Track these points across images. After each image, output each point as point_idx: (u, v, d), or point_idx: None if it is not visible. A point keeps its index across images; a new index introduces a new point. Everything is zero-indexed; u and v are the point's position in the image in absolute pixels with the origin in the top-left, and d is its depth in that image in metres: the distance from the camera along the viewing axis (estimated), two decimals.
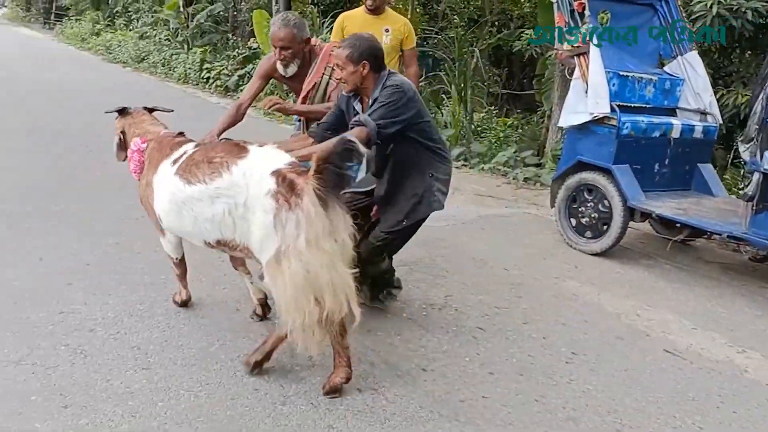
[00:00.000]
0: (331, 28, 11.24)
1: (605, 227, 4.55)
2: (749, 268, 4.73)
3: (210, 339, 2.95)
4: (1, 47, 18.38)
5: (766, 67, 3.62)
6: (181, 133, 3.01)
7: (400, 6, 14.82)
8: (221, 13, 17.22)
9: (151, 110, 3.29)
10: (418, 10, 15.07)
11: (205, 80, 13.63)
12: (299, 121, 3.74)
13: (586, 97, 4.47)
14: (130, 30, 20.32)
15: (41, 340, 2.81)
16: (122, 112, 3.21)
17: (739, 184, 7.02)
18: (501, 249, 4.64)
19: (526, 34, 9.06)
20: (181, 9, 16.10)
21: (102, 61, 17.82)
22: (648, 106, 4.93)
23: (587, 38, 4.47)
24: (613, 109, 4.41)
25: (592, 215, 4.64)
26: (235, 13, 17.88)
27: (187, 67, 14.46)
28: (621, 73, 4.74)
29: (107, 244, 4.03)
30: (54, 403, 2.39)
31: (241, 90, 12.37)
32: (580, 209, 4.74)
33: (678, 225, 4.46)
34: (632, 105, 4.83)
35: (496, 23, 12.98)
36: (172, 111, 3.35)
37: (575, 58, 4.52)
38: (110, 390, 2.50)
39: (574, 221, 4.77)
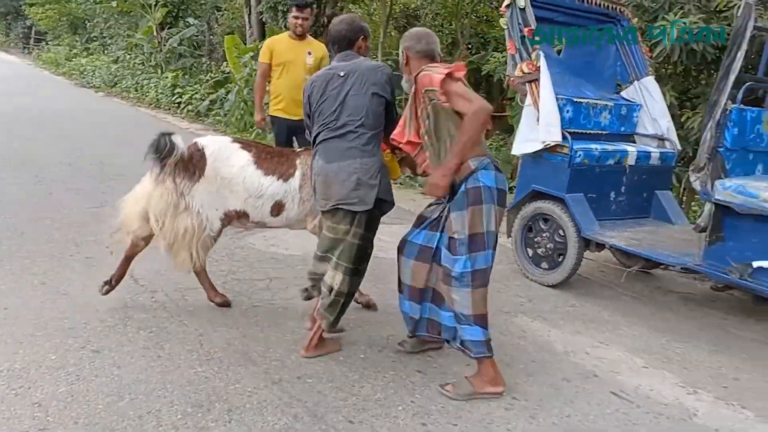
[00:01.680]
0: None
1: (561, 258, 4.41)
2: (710, 298, 4.61)
3: (121, 392, 2.74)
4: None
5: (714, 94, 3.52)
6: None
7: (372, 30, 14.89)
8: (196, 36, 17.16)
9: None
10: (392, 33, 15.09)
11: (176, 105, 13.48)
12: None
13: (537, 124, 4.35)
14: (105, 54, 20.22)
15: None
16: None
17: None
18: None
19: (494, 57, 9.01)
20: (155, 33, 16.00)
21: (74, 85, 17.63)
22: (604, 132, 4.84)
23: (537, 64, 4.36)
24: (565, 137, 4.29)
25: (548, 245, 4.50)
26: (211, 36, 17.85)
27: (158, 91, 14.32)
28: (575, 99, 4.65)
29: (32, 285, 3.82)
30: None
31: (215, 115, 12.24)
32: (536, 239, 4.61)
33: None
34: (588, 132, 4.74)
35: (471, 45, 12.99)
36: None
37: (526, 84, 4.41)
38: None
39: (530, 251, 4.64)
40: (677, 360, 3.48)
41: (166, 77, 14.57)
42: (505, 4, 4.52)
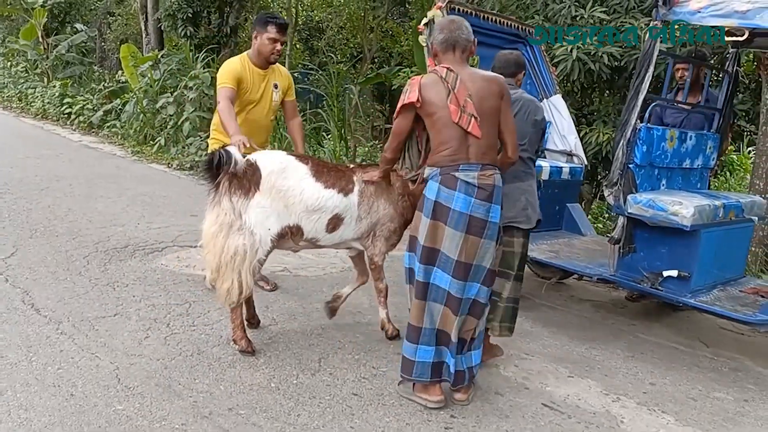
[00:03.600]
0: (207, 63, 10.84)
1: None
2: (619, 305, 4.86)
3: None
4: None
5: (625, 113, 3.72)
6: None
7: None
8: (86, 43, 16.22)
9: None
10: (298, 45, 14.98)
11: (66, 115, 12.62)
12: None
13: None
14: None
15: None
16: None
17: (605, 214, 7.43)
18: None
19: (404, 71, 9.14)
20: (41, 39, 14.92)
21: None
22: None
23: None
24: None
25: None
26: (102, 43, 16.94)
27: (45, 101, 13.35)
28: None
29: None
30: None
31: (110, 126, 11.56)
32: None
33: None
34: None
35: (376, 59, 13.13)
36: None
37: None
38: None
39: None
40: (598, 367, 3.63)
41: (54, 86, 13.61)
42: (423, 22, 4.57)
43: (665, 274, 3.66)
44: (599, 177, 7.61)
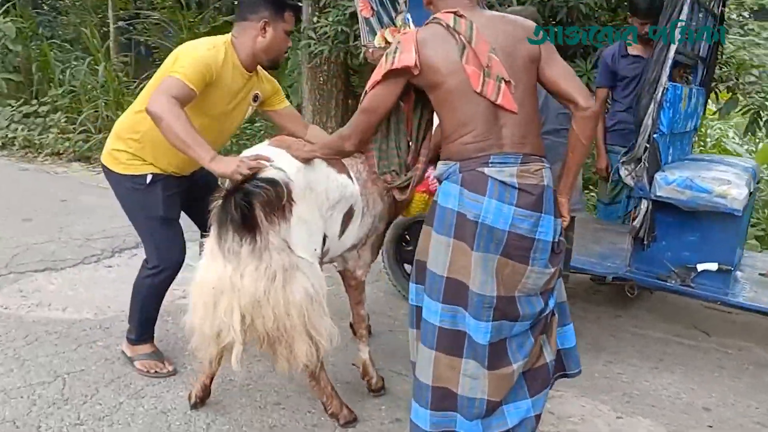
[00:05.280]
0: (7, 10, 8.54)
1: None
2: (591, 290, 4.22)
3: None
4: None
5: (654, 69, 2.89)
6: None
7: None
8: None
9: None
10: None
11: None
12: None
13: None
14: None
15: None
16: None
17: None
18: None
19: None
20: None
21: None
22: None
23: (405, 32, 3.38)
24: None
25: None
26: None
27: None
28: None
29: None
30: None
31: None
32: (410, 249, 3.69)
33: None
34: None
35: (221, 6, 11.36)
36: None
37: None
38: None
39: (408, 267, 3.70)
40: (636, 394, 2.89)
41: None
42: None
43: (700, 268, 2.98)
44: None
